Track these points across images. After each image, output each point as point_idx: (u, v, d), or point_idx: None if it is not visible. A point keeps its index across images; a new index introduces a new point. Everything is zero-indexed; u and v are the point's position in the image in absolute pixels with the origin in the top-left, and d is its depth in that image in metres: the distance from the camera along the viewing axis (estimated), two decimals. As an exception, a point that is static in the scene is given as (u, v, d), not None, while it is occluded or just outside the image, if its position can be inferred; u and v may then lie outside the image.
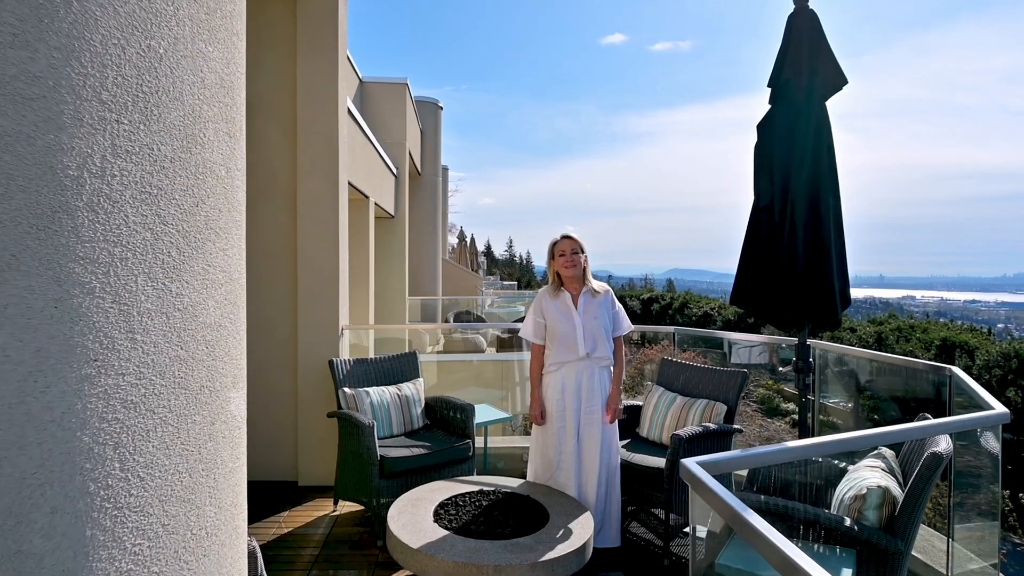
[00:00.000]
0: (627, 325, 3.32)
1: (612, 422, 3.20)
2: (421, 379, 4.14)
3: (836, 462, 2.69)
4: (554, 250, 3.22)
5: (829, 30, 2.80)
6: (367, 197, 7.13)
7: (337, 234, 4.24)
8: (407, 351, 4.26)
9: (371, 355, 5.74)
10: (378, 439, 3.59)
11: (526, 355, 6.76)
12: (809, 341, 3.01)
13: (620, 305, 3.33)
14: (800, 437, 3.01)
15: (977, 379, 4.86)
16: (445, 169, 18.39)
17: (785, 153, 2.75)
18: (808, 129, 2.72)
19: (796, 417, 7.80)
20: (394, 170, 9.60)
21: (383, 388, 3.90)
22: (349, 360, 4.00)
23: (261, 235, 4.25)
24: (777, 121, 2.80)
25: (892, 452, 2.50)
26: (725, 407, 3.44)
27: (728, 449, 3.43)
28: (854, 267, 3.10)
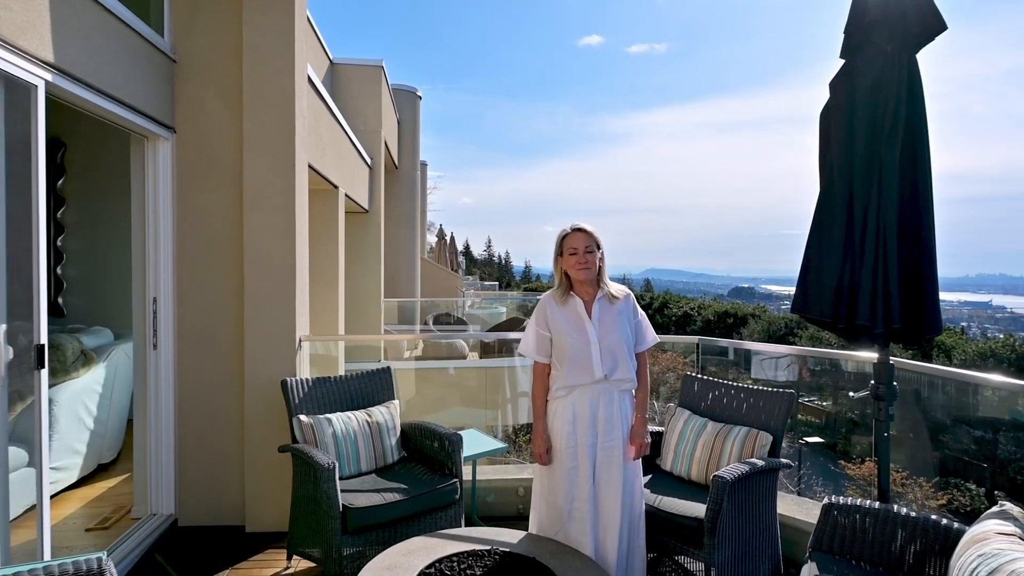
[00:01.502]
0: (652, 337, 2.66)
1: (637, 459, 2.55)
2: (396, 401, 3.43)
3: (938, 518, 2.08)
4: (563, 246, 2.53)
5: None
6: (336, 187, 6.37)
7: (293, 226, 3.51)
8: (380, 367, 3.54)
9: (341, 365, 5.00)
10: (342, 479, 2.88)
11: (516, 361, 6.07)
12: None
13: (642, 312, 2.68)
14: (880, 483, 2.40)
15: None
16: (424, 164, 17.60)
17: (870, 117, 2.12)
18: (900, 88, 2.10)
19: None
20: (368, 160, 8.82)
21: (349, 414, 3.19)
22: (307, 380, 3.27)
23: (199, 224, 3.49)
24: (858, 77, 2.17)
25: (1021, 510, 1.90)
26: (771, 437, 2.80)
27: (775, 488, 2.80)
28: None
